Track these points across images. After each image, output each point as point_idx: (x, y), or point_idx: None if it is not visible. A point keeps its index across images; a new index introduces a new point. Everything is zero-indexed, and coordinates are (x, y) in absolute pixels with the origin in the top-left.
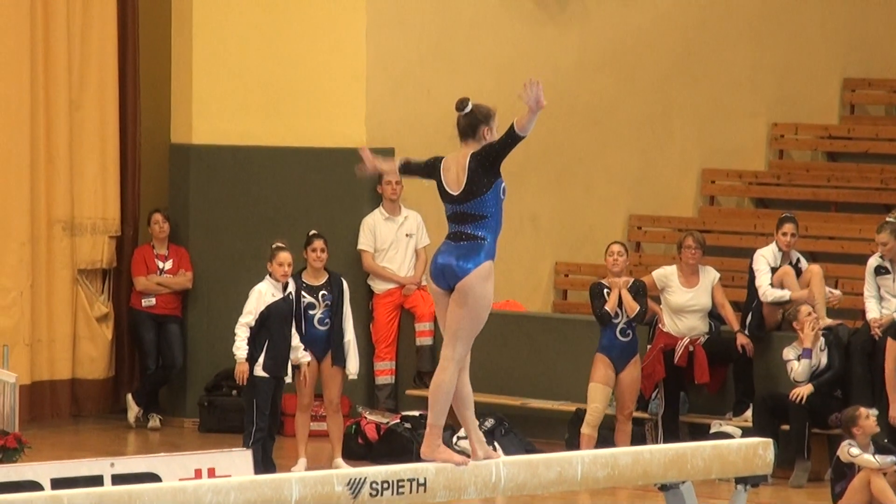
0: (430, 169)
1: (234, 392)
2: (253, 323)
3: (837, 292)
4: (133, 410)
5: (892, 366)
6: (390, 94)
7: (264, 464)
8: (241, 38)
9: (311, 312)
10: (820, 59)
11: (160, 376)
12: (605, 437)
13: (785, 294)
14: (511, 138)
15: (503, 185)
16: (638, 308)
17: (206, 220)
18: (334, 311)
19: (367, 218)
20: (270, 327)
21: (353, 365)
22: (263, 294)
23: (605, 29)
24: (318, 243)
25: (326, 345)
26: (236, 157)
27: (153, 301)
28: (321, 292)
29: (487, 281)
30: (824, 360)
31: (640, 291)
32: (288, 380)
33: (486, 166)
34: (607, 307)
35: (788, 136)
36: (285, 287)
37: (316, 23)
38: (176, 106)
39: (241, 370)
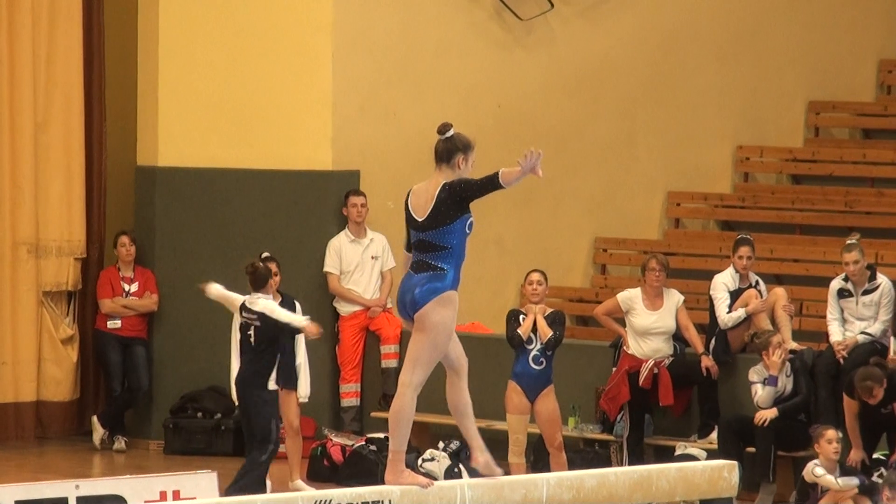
0: (407, 213)
1: (200, 414)
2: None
3: (791, 306)
4: (98, 432)
5: (851, 420)
6: (356, 117)
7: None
8: (207, 61)
9: None
10: (785, 83)
11: (126, 398)
12: (572, 459)
13: (741, 314)
14: (491, 184)
15: (471, 219)
16: (551, 333)
17: (172, 242)
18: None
19: (332, 240)
20: (280, 340)
21: (304, 388)
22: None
23: (571, 52)
24: (272, 266)
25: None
26: (202, 179)
27: (119, 323)
28: None
29: (446, 308)
30: (789, 387)
31: (558, 320)
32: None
33: (458, 200)
34: (520, 331)
35: (753, 159)
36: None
37: (282, 45)
38: (142, 128)
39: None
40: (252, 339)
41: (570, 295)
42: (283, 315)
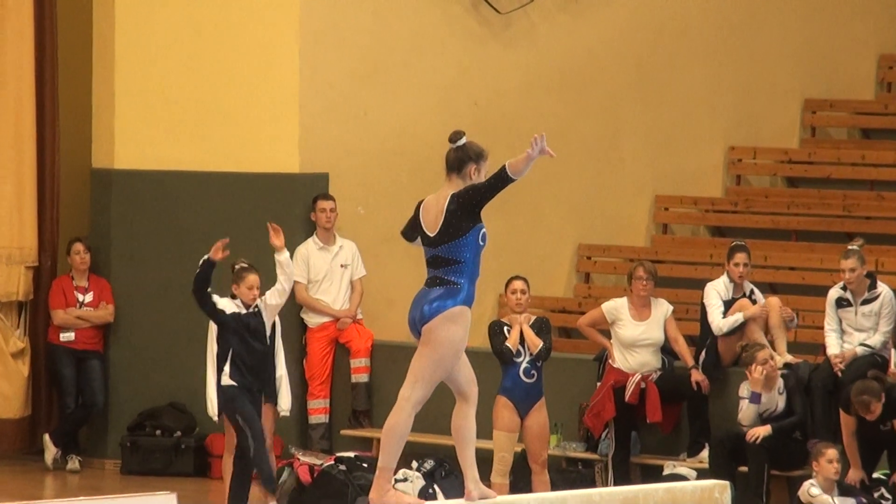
0: (412, 223)
1: (158, 432)
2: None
3: (792, 313)
4: (51, 451)
5: (848, 437)
6: (325, 117)
7: (245, 483)
8: (167, 59)
9: None
10: (779, 80)
11: (80, 415)
12: (554, 479)
13: (738, 318)
14: (500, 181)
15: (483, 230)
16: (542, 344)
17: (129, 249)
18: None
19: (300, 247)
20: (230, 338)
21: (284, 402)
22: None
23: (552, 48)
24: (253, 279)
25: None
26: (162, 182)
27: (72, 335)
28: None
29: (455, 324)
30: (782, 405)
31: (544, 328)
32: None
33: (468, 209)
34: (508, 343)
35: (746, 161)
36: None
37: (246, 41)
38: (97, 130)
39: None
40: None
41: (552, 305)
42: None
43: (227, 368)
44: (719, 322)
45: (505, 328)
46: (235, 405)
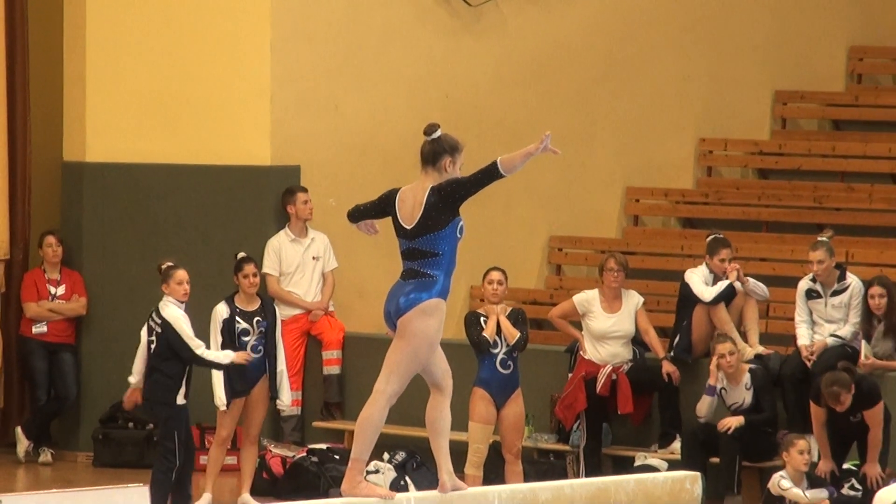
0: (383, 205)
1: (131, 424)
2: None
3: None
4: (23, 444)
5: (819, 428)
6: (296, 110)
7: (182, 498)
8: (138, 52)
9: (244, 339)
10: (750, 72)
11: (52, 408)
12: (525, 470)
13: (725, 283)
14: (488, 176)
15: (461, 223)
16: (519, 334)
17: (101, 242)
18: (268, 339)
19: (272, 240)
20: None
21: (286, 396)
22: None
23: (523, 40)
24: (250, 268)
25: (259, 373)
26: (133, 175)
27: (45, 328)
28: (255, 318)
29: (430, 317)
30: (749, 400)
31: (520, 319)
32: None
33: (449, 202)
34: (485, 334)
35: (717, 153)
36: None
37: (217, 33)
38: (68, 122)
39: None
40: (153, 347)
41: (524, 297)
42: (193, 345)
43: (183, 388)
44: (705, 292)
45: (481, 319)
46: (181, 425)
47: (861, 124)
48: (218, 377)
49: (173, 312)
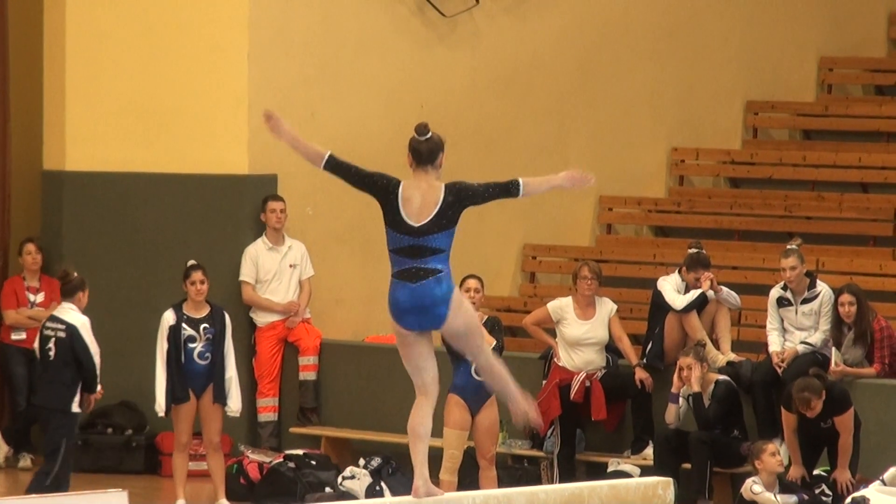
0: (374, 185)
1: (110, 430)
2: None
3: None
4: (2, 450)
5: (790, 434)
6: None
7: None
8: (117, 61)
9: (190, 346)
10: (722, 81)
11: (32, 413)
12: (500, 476)
13: (697, 293)
14: (505, 193)
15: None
16: (494, 342)
17: (80, 250)
18: (215, 346)
19: (249, 248)
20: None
21: (234, 402)
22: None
23: (497, 49)
24: (198, 275)
25: (206, 380)
26: (113, 184)
27: (24, 335)
28: (203, 325)
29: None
30: (713, 410)
31: (496, 327)
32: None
33: (465, 205)
34: None
35: (689, 162)
36: None
37: (195, 43)
38: (48, 131)
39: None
40: (52, 354)
41: (498, 304)
42: (94, 356)
43: (77, 397)
44: (677, 300)
45: None
46: (71, 433)
47: (831, 134)
48: (160, 384)
49: (79, 318)
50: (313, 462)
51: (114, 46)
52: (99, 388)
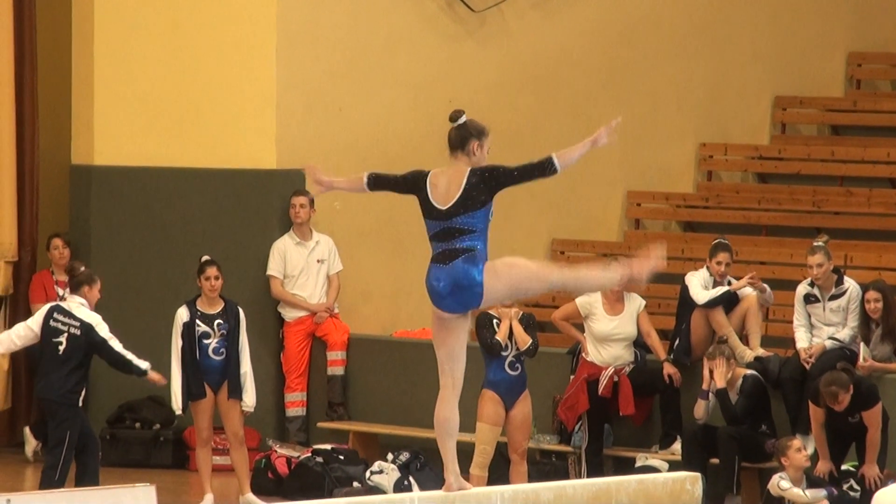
0: (409, 183)
1: (138, 425)
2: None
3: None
4: (31, 444)
5: (818, 429)
6: (301, 114)
7: None
8: (145, 56)
9: (205, 342)
10: (750, 77)
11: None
12: (528, 471)
13: (725, 289)
14: (540, 170)
15: (492, 207)
16: (530, 340)
17: (108, 245)
18: (230, 341)
19: (276, 242)
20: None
21: (249, 398)
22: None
23: (526, 45)
24: (212, 270)
25: (222, 376)
26: (140, 179)
27: None
28: (216, 321)
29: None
30: (741, 405)
31: (531, 324)
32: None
33: (492, 186)
34: (498, 337)
35: (717, 157)
36: None
37: (224, 39)
38: (77, 126)
39: None
40: (61, 348)
41: (526, 299)
42: (117, 345)
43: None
44: (701, 294)
45: (494, 321)
46: (76, 427)
47: (860, 129)
48: (176, 381)
49: (92, 316)
50: (341, 457)
51: (142, 41)
52: (152, 373)
